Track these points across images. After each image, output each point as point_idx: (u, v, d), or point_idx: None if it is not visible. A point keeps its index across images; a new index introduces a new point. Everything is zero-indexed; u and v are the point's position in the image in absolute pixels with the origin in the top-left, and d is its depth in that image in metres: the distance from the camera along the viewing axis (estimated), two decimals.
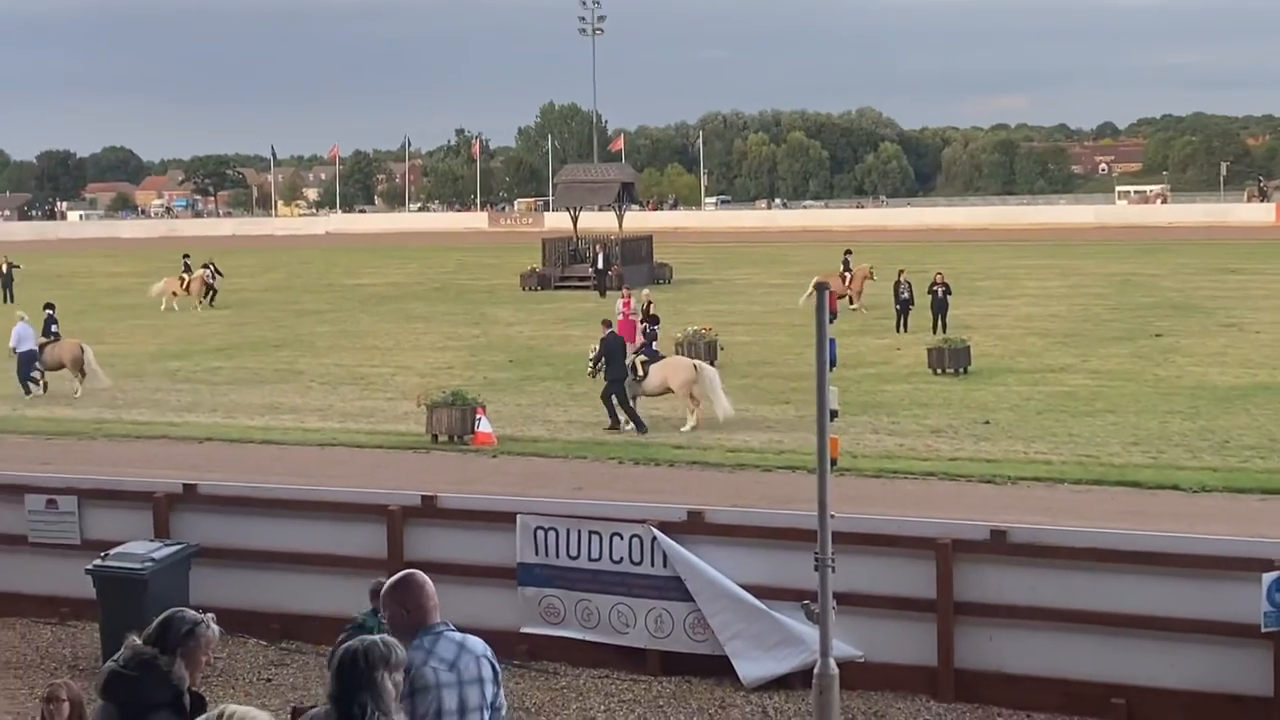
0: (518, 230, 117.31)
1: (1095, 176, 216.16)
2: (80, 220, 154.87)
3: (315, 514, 15.23)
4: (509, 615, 14.33)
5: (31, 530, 15.81)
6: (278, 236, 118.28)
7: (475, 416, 24.75)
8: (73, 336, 34.34)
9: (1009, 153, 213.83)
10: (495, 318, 46.98)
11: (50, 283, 63.58)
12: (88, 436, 26.29)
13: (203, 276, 53.25)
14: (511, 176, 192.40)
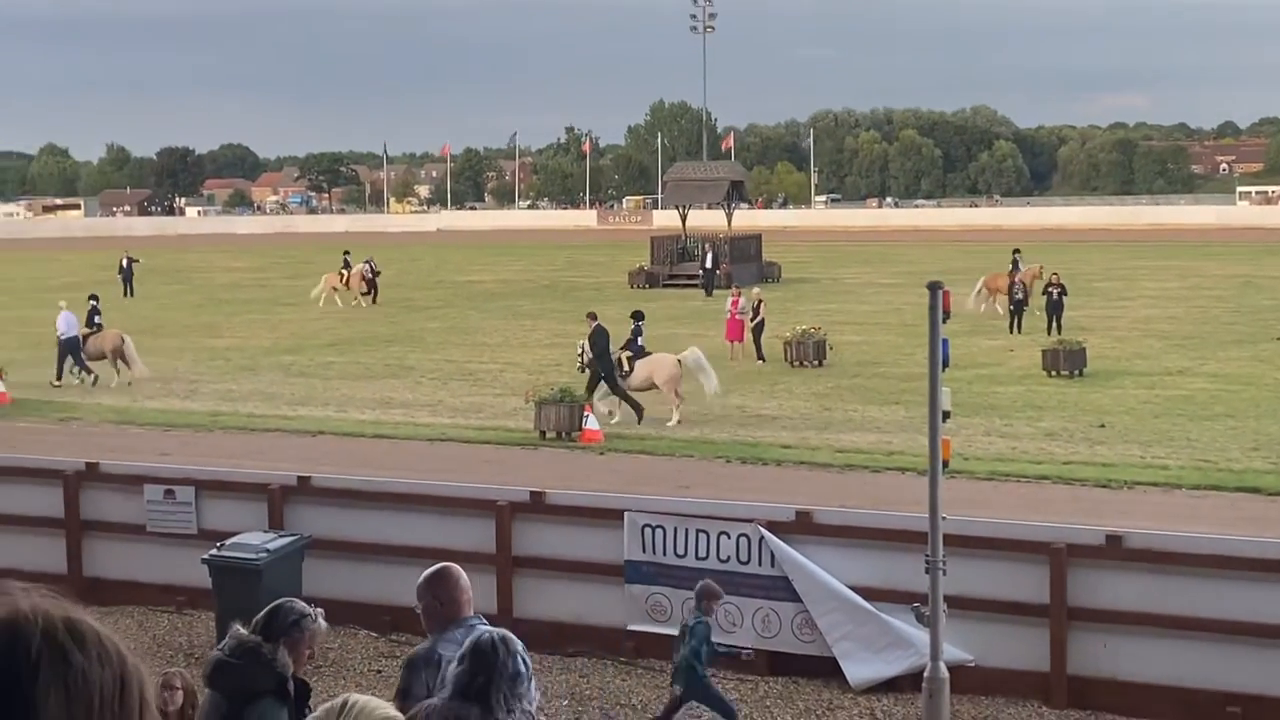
0: (626, 228, 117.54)
1: (1216, 176, 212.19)
2: (198, 216, 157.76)
3: (425, 508, 15.36)
4: (615, 612, 14.36)
5: (150, 520, 16.10)
6: (390, 233, 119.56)
7: (583, 414, 24.81)
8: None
9: (1127, 152, 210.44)
10: (603, 315, 46.92)
11: (168, 277, 64.88)
12: (204, 429, 26.73)
13: (361, 272, 53.45)
14: (621, 174, 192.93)
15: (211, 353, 37.85)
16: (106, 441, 24.54)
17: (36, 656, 1.40)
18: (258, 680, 6.57)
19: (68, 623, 1.45)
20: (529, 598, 14.78)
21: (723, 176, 65.69)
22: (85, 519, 16.55)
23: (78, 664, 1.42)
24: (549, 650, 14.36)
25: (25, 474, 17.17)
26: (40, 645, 1.41)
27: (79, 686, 1.41)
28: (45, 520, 16.65)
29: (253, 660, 6.59)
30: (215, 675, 6.73)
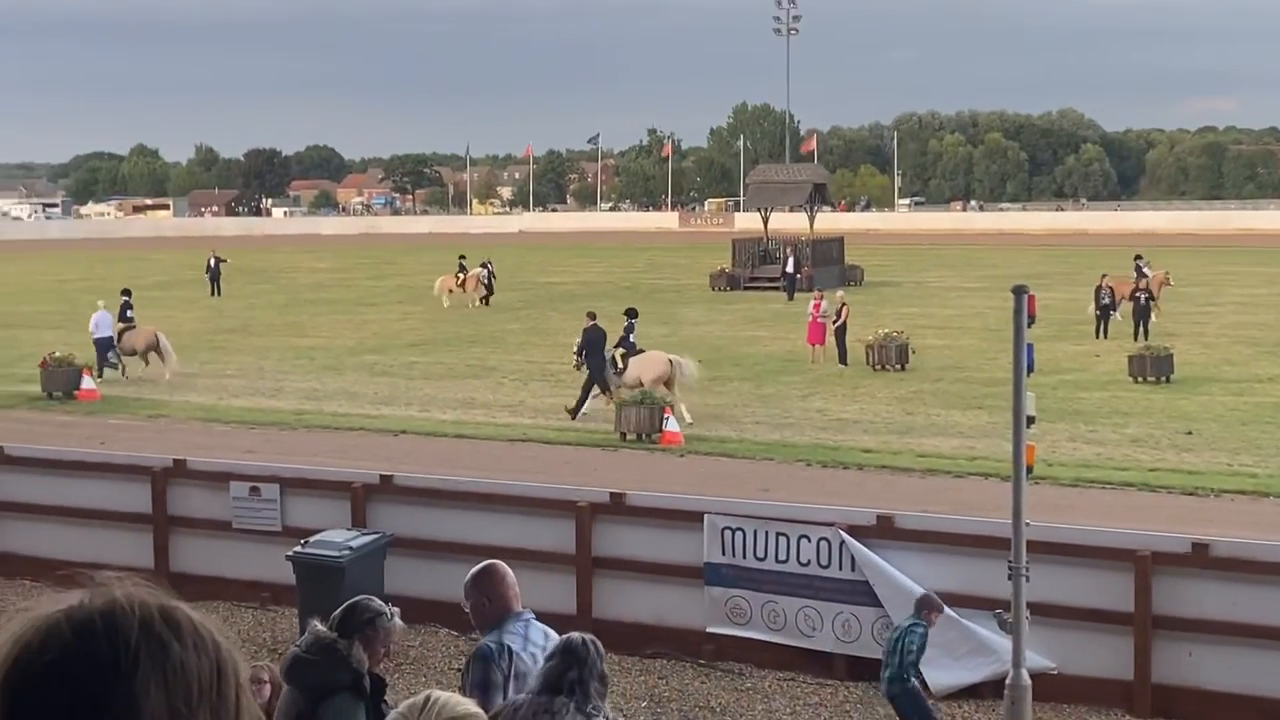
0: (708, 230, 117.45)
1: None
2: (284, 217, 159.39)
3: (506, 508, 15.44)
4: (695, 614, 14.36)
5: (235, 517, 16.30)
6: (472, 234, 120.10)
7: (663, 416, 24.83)
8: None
9: (1216, 156, 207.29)
10: (684, 317, 47.10)
11: (254, 277, 65.65)
12: (289, 427, 27.02)
13: (478, 275, 53.39)
14: (703, 176, 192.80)
15: (296, 352, 38.26)
16: (193, 439, 24.87)
17: (135, 647, 1.41)
18: (334, 676, 6.65)
19: (164, 612, 1.46)
20: (608, 598, 14.81)
21: (805, 179, 65.48)
22: (172, 515, 16.79)
23: (176, 654, 1.43)
24: (628, 651, 14.39)
25: (115, 470, 17.45)
26: (139, 636, 1.42)
27: (178, 676, 1.42)
28: (133, 516, 16.91)
29: (329, 656, 6.68)
30: (292, 671, 6.82)
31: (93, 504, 17.18)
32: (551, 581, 14.96)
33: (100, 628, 1.42)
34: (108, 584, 1.49)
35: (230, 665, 1.48)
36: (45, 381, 30.61)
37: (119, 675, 1.40)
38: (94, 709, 1.38)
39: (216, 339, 41.50)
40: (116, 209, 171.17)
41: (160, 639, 1.43)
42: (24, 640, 1.42)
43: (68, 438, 24.31)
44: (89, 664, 1.39)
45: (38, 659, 1.40)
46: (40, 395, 30.42)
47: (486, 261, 54.92)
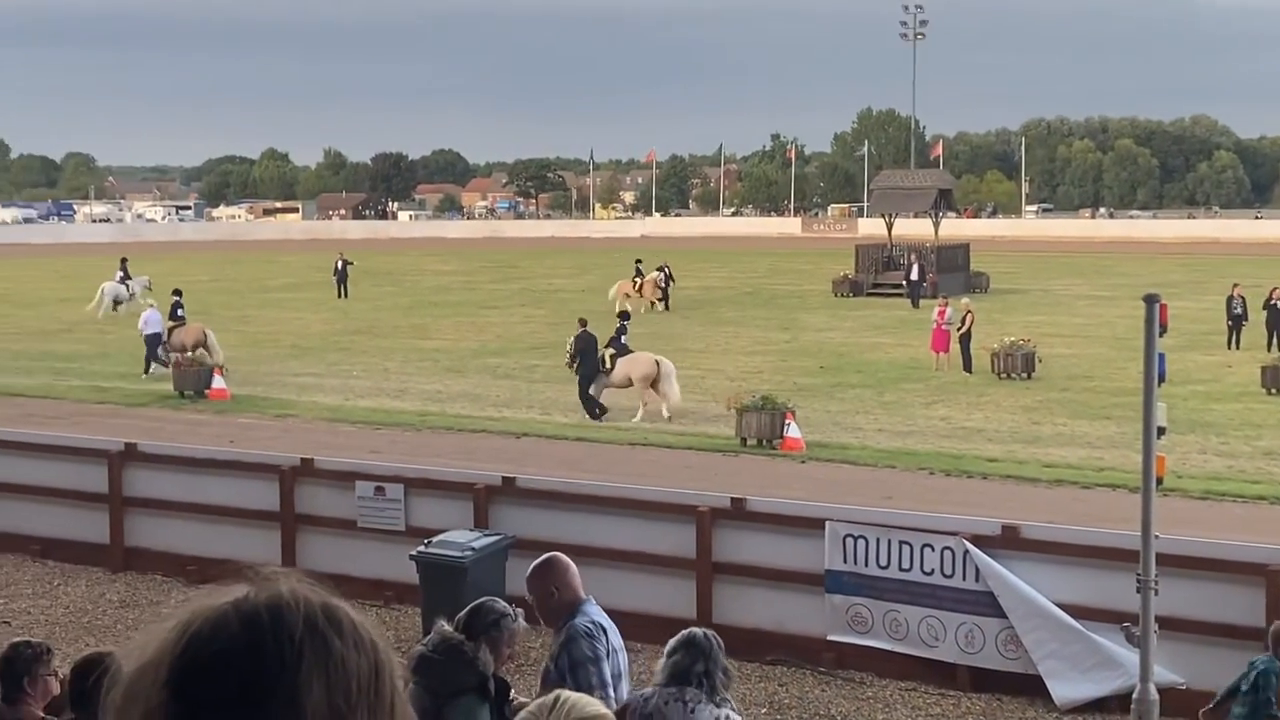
0: (831, 236, 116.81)
1: None
2: (409, 220, 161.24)
3: (626, 511, 15.47)
4: (815, 622, 14.28)
5: (360, 516, 16.51)
6: (595, 239, 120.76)
7: (784, 421, 24.73)
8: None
9: None
10: (806, 323, 46.90)
11: (380, 279, 66.50)
12: (413, 428, 27.32)
13: (655, 279, 53.09)
14: (826, 182, 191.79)
15: (420, 354, 38.69)
16: (320, 438, 25.25)
17: (300, 642, 1.43)
18: (460, 677, 6.71)
19: (326, 609, 1.48)
20: (728, 604, 14.77)
21: (930, 185, 64.86)
22: (299, 513, 17.05)
23: (337, 650, 1.45)
24: (747, 657, 14.33)
25: (244, 468, 17.77)
26: (303, 632, 1.44)
27: (339, 673, 1.44)
28: (262, 513, 17.21)
29: (455, 657, 6.74)
30: (419, 670, 6.89)
31: (223, 501, 17.50)
32: (671, 586, 14.98)
33: (266, 621, 1.44)
34: (273, 579, 1.51)
35: (387, 665, 1.50)
36: (177, 380, 31.31)
37: (284, 669, 1.41)
38: (259, 700, 1.40)
39: (343, 340, 42.11)
40: (247, 212, 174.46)
41: (323, 635, 1.45)
42: (193, 629, 1.44)
43: (199, 436, 24.82)
44: (255, 656, 1.41)
45: (206, 648, 1.42)
46: (172, 394, 31.10)
47: (663, 265, 54.45)
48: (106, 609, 16.53)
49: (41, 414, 28.30)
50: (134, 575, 17.77)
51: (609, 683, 7.65)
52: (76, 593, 17.18)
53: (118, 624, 15.92)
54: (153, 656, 1.45)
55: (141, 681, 1.44)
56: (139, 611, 16.41)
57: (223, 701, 1.40)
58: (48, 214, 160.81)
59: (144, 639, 1.48)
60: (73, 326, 46.60)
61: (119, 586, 17.41)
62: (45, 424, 25.72)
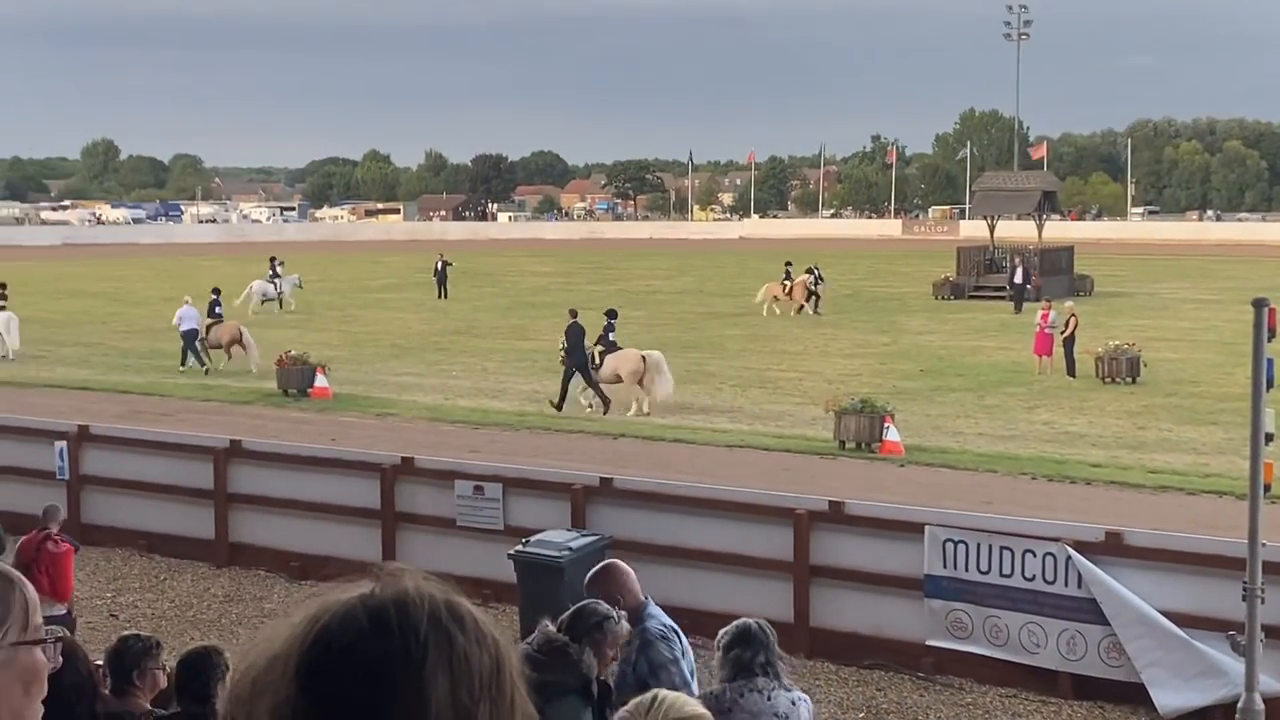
0: (931, 238, 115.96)
1: None
2: (508, 221, 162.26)
3: (723, 513, 15.45)
4: (914, 627, 14.18)
5: (459, 515, 16.64)
6: (693, 240, 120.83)
7: (884, 425, 24.55)
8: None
9: None
10: (906, 326, 46.58)
11: (479, 280, 67.00)
12: (511, 427, 27.48)
13: (805, 282, 52.29)
14: (927, 183, 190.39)
15: (519, 354, 38.91)
16: (420, 437, 25.46)
17: (425, 637, 1.45)
18: (564, 678, 6.73)
19: (449, 606, 1.51)
20: (825, 607, 14.71)
21: (1034, 187, 64.16)
22: (399, 511, 17.22)
23: (460, 646, 1.47)
24: (845, 661, 14.30)
25: (346, 466, 17.97)
26: (428, 627, 1.46)
27: (462, 667, 1.46)
28: (363, 511, 17.40)
29: (560, 658, 6.76)
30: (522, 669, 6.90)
31: (325, 499, 17.72)
32: (768, 588, 14.93)
33: (393, 616, 1.47)
34: (397, 575, 1.54)
35: (508, 660, 1.52)
36: (281, 379, 31.73)
37: (410, 663, 1.44)
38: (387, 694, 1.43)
39: (442, 340, 42.46)
40: (349, 212, 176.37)
41: (447, 631, 1.47)
42: (321, 623, 1.47)
43: (301, 434, 25.13)
44: (383, 651, 1.44)
45: (336, 642, 1.45)
46: (276, 392, 31.53)
47: (813, 267, 53.56)
48: (211, 603, 16.79)
49: (149, 411, 28.82)
50: (238, 570, 18.05)
51: (690, 683, 7.73)
52: (182, 587, 17.48)
53: (222, 618, 16.17)
54: (281, 649, 1.47)
55: (270, 674, 1.46)
56: (243, 606, 16.67)
57: (351, 694, 1.43)
58: (156, 214, 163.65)
59: (271, 632, 1.51)
60: None
61: (223, 581, 17.69)
62: (153, 421, 26.20)
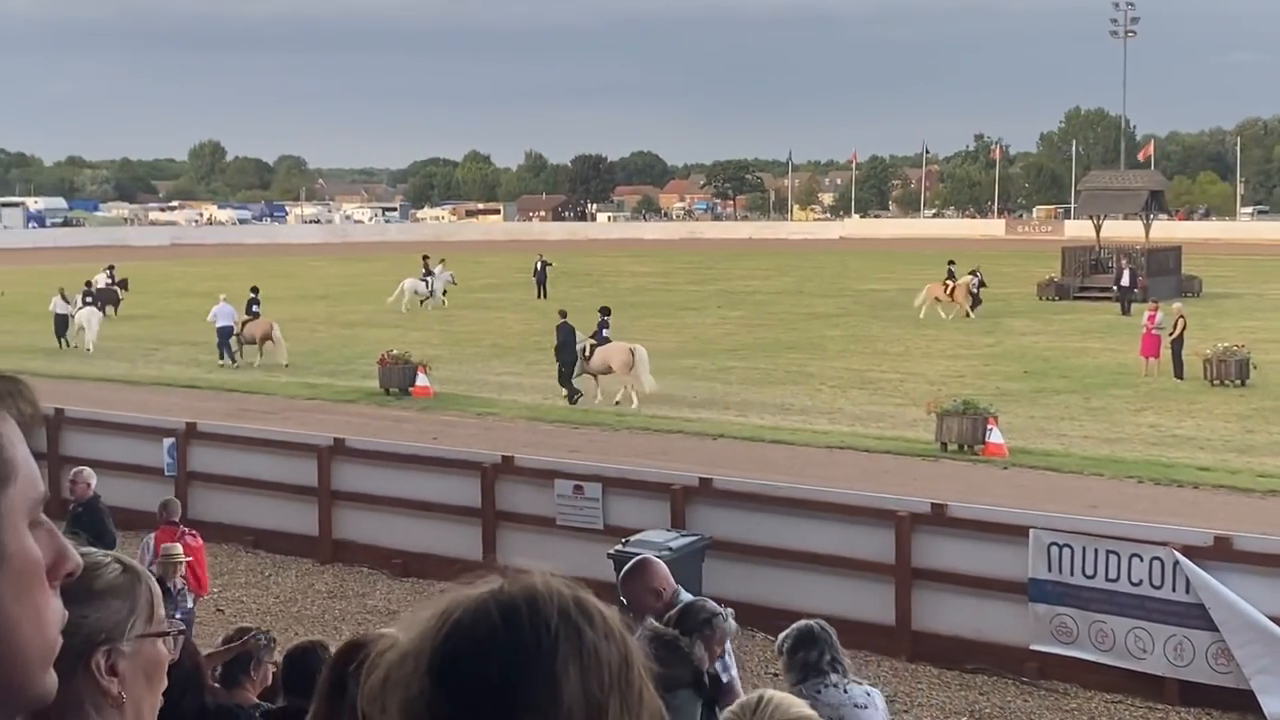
0: (1035, 238, 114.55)
1: None
2: (608, 221, 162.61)
3: (823, 514, 15.38)
4: (1018, 631, 14.02)
5: (559, 513, 16.70)
6: (792, 240, 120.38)
7: (986, 426, 24.28)
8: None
9: None
10: (1010, 327, 46.05)
11: (579, 280, 67.17)
12: (610, 428, 27.54)
13: (967, 284, 51.21)
14: (1031, 183, 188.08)
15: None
16: (520, 436, 25.60)
17: (555, 632, 1.47)
18: (677, 671, 6.72)
19: (577, 601, 1.52)
20: (927, 610, 14.58)
21: (1141, 186, 63.17)
22: (500, 509, 17.32)
23: (590, 640, 1.48)
24: (947, 665, 14.17)
25: (447, 464, 18.11)
26: (558, 621, 1.47)
27: (592, 661, 1.47)
28: (463, 509, 17.52)
29: (672, 652, 6.76)
30: None
31: (426, 496, 17.87)
32: (869, 591, 14.84)
33: (524, 611, 1.48)
34: (528, 572, 1.55)
35: (636, 655, 1.53)
36: (383, 378, 32.04)
37: (541, 657, 1.45)
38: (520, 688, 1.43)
39: (542, 340, 42.48)
40: (450, 213, 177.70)
41: (576, 626, 1.48)
42: (454, 618, 1.49)
43: (403, 432, 25.35)
44: (515, 645, 1.45)
45: (468, 636, 1.46)
46: (378, 391, 31.84)
47: (975, 269, 52.66)
48: (315, 599, 16.99)
49: (254, 409, 29.23)
50: (341, 567, 18.25)
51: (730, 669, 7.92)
52: (287, 583, 17.71)
53: (326, 614, 16.36)
54: (413, 645, 1.49)
55: (402, 669, 1.48)
56: (346, 603, 16.85)
57: (484, 689, 1.43)
58: (261, 215, 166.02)
59: (402, 627, 1.52)
60: (284, 324, 47.93)
61: (327, 577, 17.90)
62: (258, 419, 26.57)
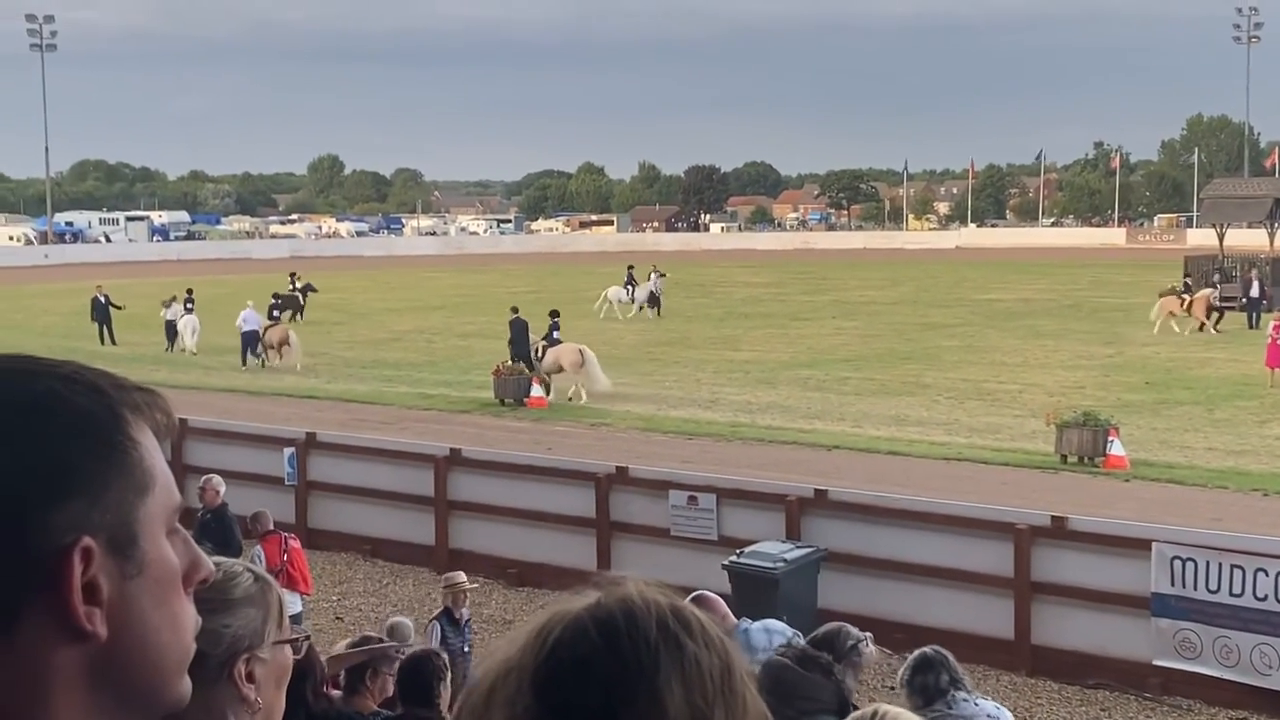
0: (1157, 247, 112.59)
1: None
2: (721, 232, 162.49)
3: (941, 527, 15.23)
4: (1140, 646, 13.78)
5: (673, 524, 16.69)
6: (907, 250, 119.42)
7: (1107, 438, 23.89)
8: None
9: None
10: (1130, 337, 45.26)
11: (692, 291, 67.22)
12: (724, 438, 27.48)
13: (1207, 297, 49.11)
14: (1152, 191, 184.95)
15: (732, 365, 38.90)
16: (633, 447, 25.64)
17: (655, 645, 1.45)
18: (821, 694, 6.63)
19: (675, 611, 1.50)
20: (1047, 625, 14.38)
21: (1266, 194, 61.76)
22: (614, 520, 17.36)
23: (690, 651, 1.46)
24: (1067, 680, 13.97)
25: (562, 475, 18.20)
26: (657, 634, 1.45)
27: (695, 672, 1.45)
28: (578, 519, 17.59)
29: (821, 674, 6.67)
30: (776, 680, 6.73)
31: (541, 506, 17.97)
32: (987, 604, 14.67)
33: (622, 626, 1.46)
34: (621, 583, 1.53)
35: (737, 661, 1.50)
36: (497, 388, 32.29)
37: (642, 671, 1.43)
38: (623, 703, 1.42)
39: (655, 351, 42.71)
40: (564, 224, 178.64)
41: (675, 637, 1.46)
42: (553, 635, 1.47)
43: (517, 442, 25.49)
44: (616, 661, 1.44)
45: (568, 653, 1.45)
46: (492, 401, 32.09)
47: (1215, 281, 51.11)
48: (432, 608, 17.08)
49: (371, 419, 29.59)
50: None
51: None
52: (404, 591, 17.88)
53: None
54: (515, 661, 1.48)
55: (505, 687, 1.47)
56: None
57: (588, 706, 1.42)
58: (378, 227, 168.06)
59: (502, 644, 1.52)
60: (401, 336, 48.59)
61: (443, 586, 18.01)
62: (375, 429, 26.87)
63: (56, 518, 1.24)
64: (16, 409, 1.27)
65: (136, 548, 1.30)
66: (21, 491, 1.23)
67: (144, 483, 1.32)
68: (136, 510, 1.30)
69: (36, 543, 1.23)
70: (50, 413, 1.27)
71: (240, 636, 2.12)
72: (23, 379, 1.29)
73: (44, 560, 1.24)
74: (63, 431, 1.27)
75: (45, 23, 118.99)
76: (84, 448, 1.27)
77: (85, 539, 1.25)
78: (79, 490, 1.26)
